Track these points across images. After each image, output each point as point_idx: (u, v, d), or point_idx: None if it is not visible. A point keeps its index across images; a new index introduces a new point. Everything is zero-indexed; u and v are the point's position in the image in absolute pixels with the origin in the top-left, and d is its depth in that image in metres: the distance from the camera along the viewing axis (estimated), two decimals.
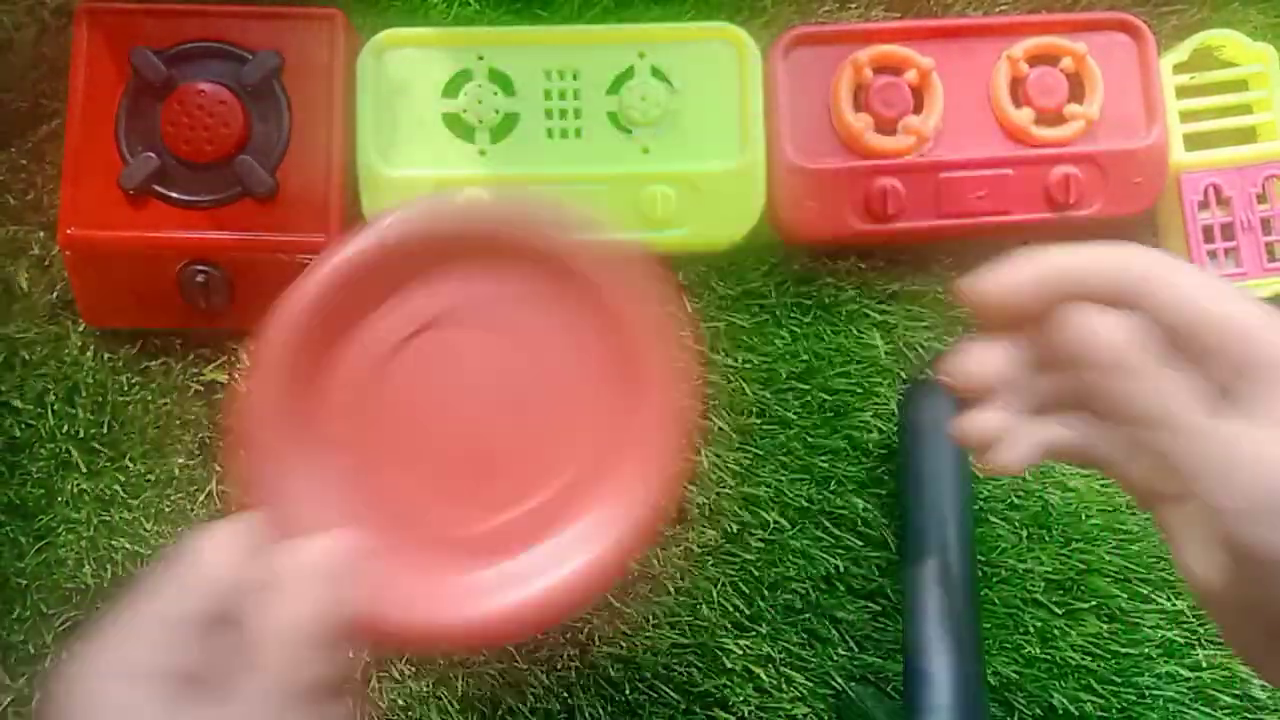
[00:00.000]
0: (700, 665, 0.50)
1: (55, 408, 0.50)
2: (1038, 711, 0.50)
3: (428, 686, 0.49)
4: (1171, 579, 0.51)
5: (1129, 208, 0.50)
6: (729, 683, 0.50)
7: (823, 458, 0.51)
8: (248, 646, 0.30)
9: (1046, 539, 0.51)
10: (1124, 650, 0.50)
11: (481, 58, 0.48)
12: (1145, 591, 0.51)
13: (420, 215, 0.37)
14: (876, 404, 0.51)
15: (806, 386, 0.51)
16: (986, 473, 0.36)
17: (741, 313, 0.51)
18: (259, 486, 0.35)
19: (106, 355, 0.50)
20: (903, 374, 0.51)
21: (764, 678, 0.50)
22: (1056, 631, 0.50)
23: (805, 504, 0.50)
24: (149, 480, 0.50)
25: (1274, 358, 0.30)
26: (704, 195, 0.48)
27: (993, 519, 0.51)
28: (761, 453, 0.50)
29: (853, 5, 0.53)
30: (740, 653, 0.50)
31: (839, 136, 0.49)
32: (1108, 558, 0.51)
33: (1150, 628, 0.50)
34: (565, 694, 0.49)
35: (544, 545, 0.37)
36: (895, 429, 0.50)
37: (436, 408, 0.37)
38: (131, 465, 0.50)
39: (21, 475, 0.50)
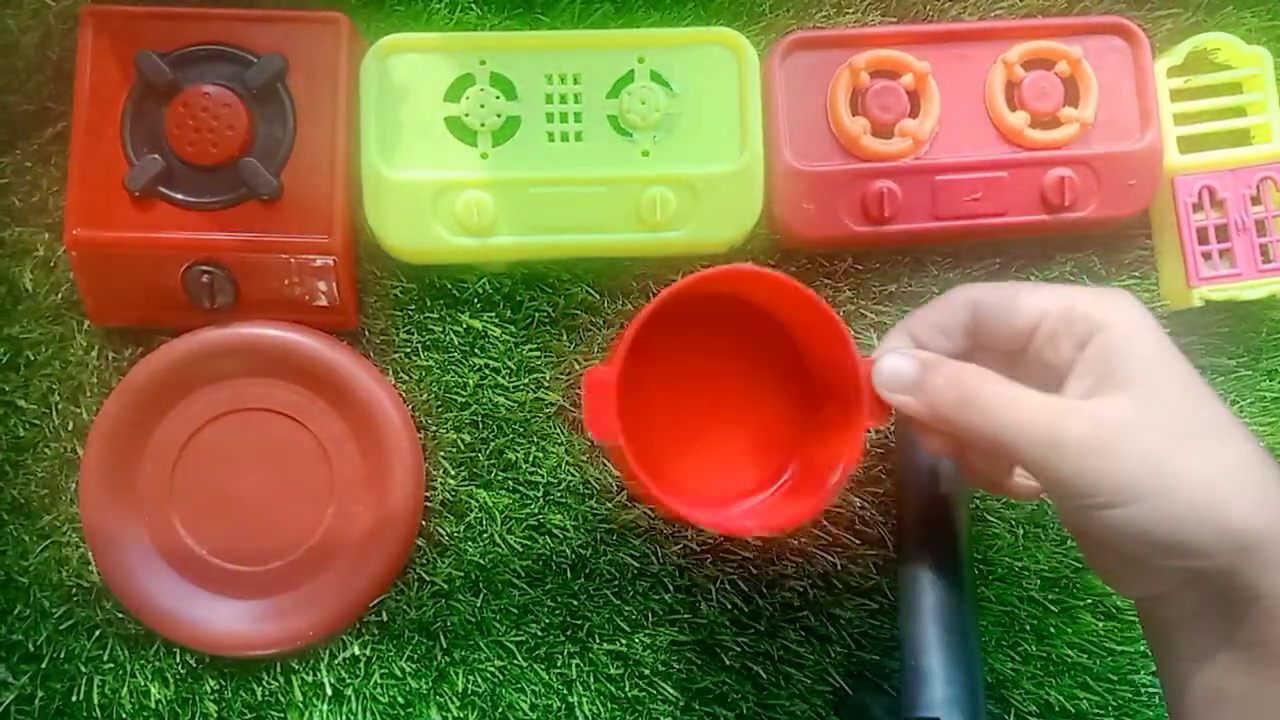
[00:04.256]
0: (699, 662, 0.50)
1: (60, 407, 0.50)
2: (1034, 709, 0.50)
3: (428, 684, 0.49)
4: None
5: (1123, 210, 0.50)
6: (728, 680, 0.50)
7: None
8: None
9: (1042, 537, 0.51)
10: (1119, 648, 0.51)
11: (483, 62, 0.49)
12: None
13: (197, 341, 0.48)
14: None
15: None
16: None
17: None
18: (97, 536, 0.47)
19: (111, 355, 0.50)
20: None
21: (762, 675, 0.50)
22: (1052, 629, 0.51)
23: None
24: None
25: (1097, 318, 0.36)
26: (703, 198, 0.49)
27: (989, 517, 0.51)
28: None
29: (849, 10, 0.53)
30: (739, 650, 0.50)
31: (836, 140, 0.50)
32: None
33: None
34: (564, 690, 0.49)
35: (300, 590, 0.48)
36: (891, 428, 0.50)
37: (231, 473, 0.48)
38: None
39: (26, 475, 0.50)
